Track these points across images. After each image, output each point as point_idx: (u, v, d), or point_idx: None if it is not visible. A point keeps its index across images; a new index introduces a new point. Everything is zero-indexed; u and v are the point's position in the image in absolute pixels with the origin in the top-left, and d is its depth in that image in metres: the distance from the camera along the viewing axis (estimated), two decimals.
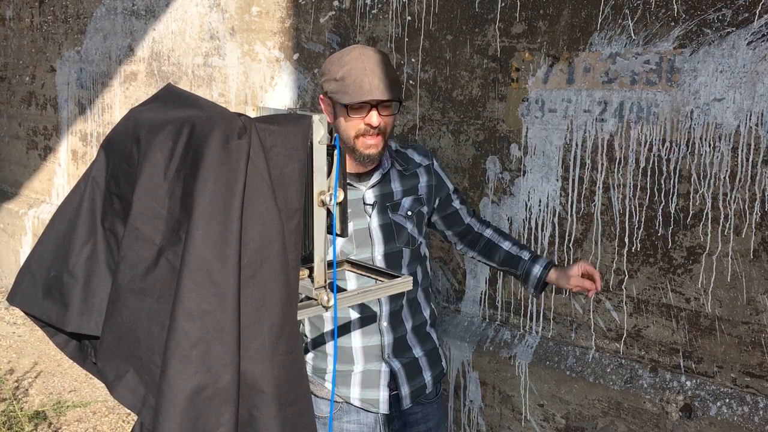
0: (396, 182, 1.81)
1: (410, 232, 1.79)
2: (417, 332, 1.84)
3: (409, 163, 1.85)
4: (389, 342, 1.78)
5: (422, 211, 1.83)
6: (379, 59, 1.67)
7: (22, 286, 1.14)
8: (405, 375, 1.81)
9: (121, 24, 4.28)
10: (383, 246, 1.76)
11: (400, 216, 1.78)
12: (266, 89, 3.43)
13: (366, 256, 1.76)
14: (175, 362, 0.90)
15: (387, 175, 1.80)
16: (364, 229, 1.76)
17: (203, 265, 0.91)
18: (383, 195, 1.78)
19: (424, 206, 1.84)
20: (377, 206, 1.77)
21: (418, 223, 1.82)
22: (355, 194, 1.77)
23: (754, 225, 2.04)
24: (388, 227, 1.77)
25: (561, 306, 2.49)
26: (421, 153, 1.89)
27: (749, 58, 1.99)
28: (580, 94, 2.33)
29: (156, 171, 1.00)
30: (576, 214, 2.40)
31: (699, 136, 2.11)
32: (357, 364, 1.78)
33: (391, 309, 1.78)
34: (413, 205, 1.81)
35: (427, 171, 1.86)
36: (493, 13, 2.52)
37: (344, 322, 1.79)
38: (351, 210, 1.77)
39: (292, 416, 0.99)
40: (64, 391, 3.84)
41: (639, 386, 2.28)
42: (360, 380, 1.79)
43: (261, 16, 3.39)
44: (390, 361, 1.79)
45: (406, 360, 1.81)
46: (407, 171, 1.83)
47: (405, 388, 1.81)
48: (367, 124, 1.65)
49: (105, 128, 4.57)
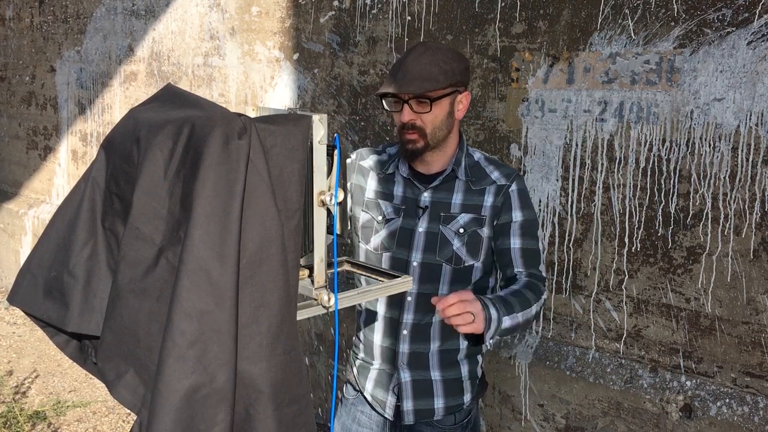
0: (459, 194, 1.70)
1: (456, 249, 1.67)
2: (443, 356, 1.74)
3: (482, 178, 1.70)
4: (405, 351, 1.74)
5: (479, 233, 1.68)
6: (426, 52, 1.59)
7: (23, 286, 1.14)
8: (412, 390, 1.75)
9: (121, 24, 4.28)
10: (422, 254, 1.69)
11: (450, 230, 1.68)
12: (266, 89, 3.43)
13: (402, 258, 1.71)
14: (172, 361, 0.90)
15: (451, 183, 1.71)
16: (409, 230, 1.71)
17: (202, 264, 0.91)
18: (440, 203, 1.70)
19: (484, 228, 1.68)
20: (429, 212, 1.70)
21: (470, 244, 1.68)
22: (413, 193, 1.73)
23: (754, 225, 2.04)
24: (433, 236, 1.69)
25: (561, 306, 2.49)
26: (502, 172, 1.71)
27: (749, 58, 1.99)
28: (580, 94, 2.33)
29: (156, 171, 1.00)
30: (576, 214, 2.40)
31: (699, 136, 2.11)
32: (375, 361, 1.80)
33: (416, 320, 1.72)
34: (469, 224, 1.68)
35: (498, 191, 1.69)
36: (493, 13, 2.52)
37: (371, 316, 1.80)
38: (404, 207, 1.73)
39: (290, 416, 0.99)
40: (63, 391, 3.84)
41: (639, 386, 2.28)
42: (375, 377, 1.80)
43: (261, 16, 3.39)
44: (402, 370, 1.75)
45: (419, 376, 1.75)
46: (475, 186, 1.70)
47: (409, 403, 1.75)
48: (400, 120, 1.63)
49: (105, 128, 4.57)
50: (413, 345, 1.73)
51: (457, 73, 1.61)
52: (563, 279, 2.46)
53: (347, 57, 3.02)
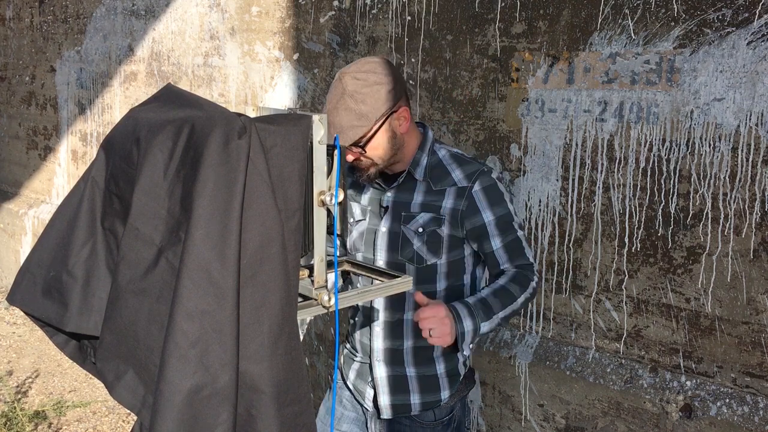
0: (419, 194, 1.71)
1: (417, 249, 1.69)
2: (418, 353, 1.77)
3: (442, 178, 1.70)
4: (380, 348, 1.78)
5: (438, 232, 1.69)
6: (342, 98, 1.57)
7: (22, 286, 1.14)
8: (388, 385, 1.79)
9: (121, 24, 4.28)
10: (385, 253, 1.73)
11: (410, 229, 1.69)
12: (266, 89, 3.43)
13: (370, 258, 1.76)
14: (174, 362, 0.90)
15: (412, 183, 1.72)
16: (373, 230, 1.75)
17: (203, 265, 0.91)
18: (400, 203, 1.72)
19: (443, 227, 1.69)
20: (391, 212, 1.72)
21: (430, 243, 1.69)
22: (377, 193, 1.76)
23: (754, 225, 2.04)
24: (394, 236, 1.71)
25: (561, 306, 2.49)
26: (464, 171, 1.70)
27: (749, 58, 1.99)
28: (580, 94, 2.33)
29: (156, 171, 1.00)
30: (576, 214, 2.40)
31: (699, 136, 2.11)
32: (358, 354, 1.86)
33: (386, 318, 1.76)
34: (428, 223, 1.68)
35: (459, 193, 1.68)
36: (493, 13, 2.52)
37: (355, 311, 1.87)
38: (370, 208, 1.77)
39: (291, 416, 0.99)
40: (64, 391, 3.84)
41: (639, 386, 2.28)
42: (357, 368, 1.87)
43: (261, 16, 3.39)
44: (377, 366, 1.79)
45: (394, 372, 1.78)
46: (435, 186, 1.70)
47: (385, 398, 1.79)
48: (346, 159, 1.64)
49: (105, 128, 4.57)
50: (387, 341, 1.77)
51: (379, 104, 1.58)
52: (563, 279, 2.46)
53: (347, 57, 3.02)
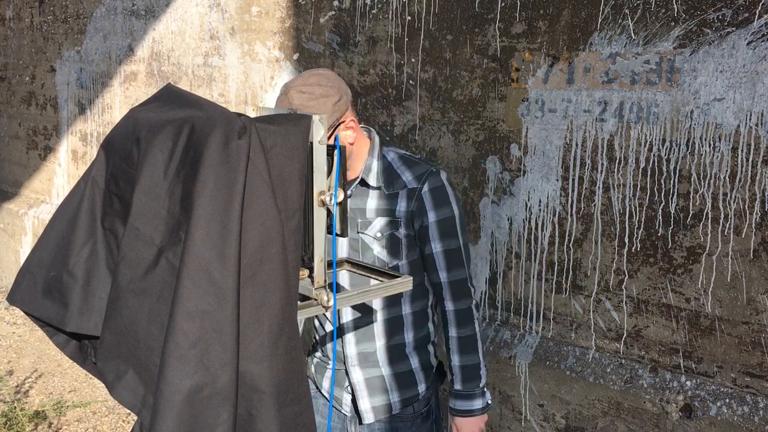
0: (373, 200, 1.71)
1: (377, 253, 1.70)
2: (391, 351, 1.78)
3: (393, 182, 1.70)
4: (353, 353, 1.77)
5: (396, 235, 1.70)
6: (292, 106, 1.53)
7: (22, 286, 1.14)
8: (366, 389, 1.78)
9: (121, 24, 4.28)
10: None
11: (368, 235, 1.70)
12: (266, 89, 3.43)
13: None
14: (174, 362, 0.90)
15: (365, 190, 1.71)
16: None
17: (203, 265, 0.91)
18: (356, 210, 1.71)
19: (401, 229, 1.70)
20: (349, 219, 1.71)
21: (390, 246, 1.71)
22: None
23: (754, 225, 2.04)
24: (355, 243, 1.71)
25: (561, 306, 2.49)
26: (414, 173, 1.70)
27: (749, 58, 1.99)
28: (580, 94, 2.33)
29: (156, 171, 1.00)
30: (576, 214, 2.40)
31: (699, 136, 2.11)
32: (330, 360, 1.84)
33: (356, 322, 1.76)
34: (385, 227, 1.70)
35: (410, 195, 1.69)
36: (493, 13, 2.52)
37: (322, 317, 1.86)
38: None
39: (291, 416, 0.99)
40: (64, 391, 3.84)
41: (639, 386, 2.28)
42: (331, 376, 1.84)
43: (261, 16, 3.39)
44: (353, 371, 1.78)
45: (370, 374, 1.78)
46: (388, 190, 1.70)
47: (365, 402, 1.78)
48: None
49: (105, 128, 4.57)
50: (359, 346, 1.77)
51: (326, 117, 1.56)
52: (563, 279, 2.46)
53: (347, 57, 3.02)
